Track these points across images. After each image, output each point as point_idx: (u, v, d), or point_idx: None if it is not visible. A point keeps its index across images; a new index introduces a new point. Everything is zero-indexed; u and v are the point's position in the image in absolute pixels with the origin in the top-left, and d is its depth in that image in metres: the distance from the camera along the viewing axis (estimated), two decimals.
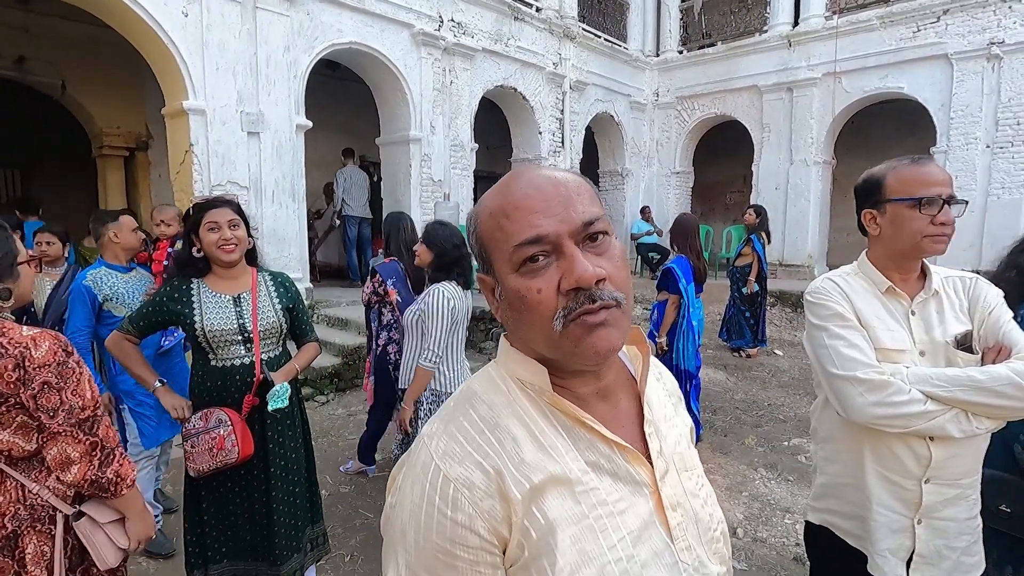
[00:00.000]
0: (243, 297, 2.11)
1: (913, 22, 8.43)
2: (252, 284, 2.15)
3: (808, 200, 9.69)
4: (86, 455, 1.39)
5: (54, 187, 8.81)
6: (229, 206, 2.10)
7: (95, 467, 1.40)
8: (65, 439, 1.37)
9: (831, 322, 1.42)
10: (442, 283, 2.72)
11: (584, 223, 0.65)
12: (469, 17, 7.85)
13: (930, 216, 1.36)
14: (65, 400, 1.37)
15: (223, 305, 2.07)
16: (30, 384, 1.33)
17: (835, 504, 1.54)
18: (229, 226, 2.05)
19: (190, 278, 2.10)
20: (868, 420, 1.33)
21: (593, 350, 0.63)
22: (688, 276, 4.16)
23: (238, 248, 2.08)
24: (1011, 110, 7.81)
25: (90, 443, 1.40)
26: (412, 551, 0.63)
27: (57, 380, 1.36)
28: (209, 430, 2.01)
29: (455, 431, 0.67)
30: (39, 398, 1.34)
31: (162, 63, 5.52)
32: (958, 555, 1.39)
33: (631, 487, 0.68)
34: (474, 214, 0.72)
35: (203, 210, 2.07)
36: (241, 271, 2.15)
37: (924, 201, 1.36)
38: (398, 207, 7.71)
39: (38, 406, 1.34)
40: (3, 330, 1.35)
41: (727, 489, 3.57)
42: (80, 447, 1.38)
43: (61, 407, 1.36)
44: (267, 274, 2.25)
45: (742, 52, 10.17)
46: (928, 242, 1.38)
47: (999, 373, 1.26)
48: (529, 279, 0.64)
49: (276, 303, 2.18)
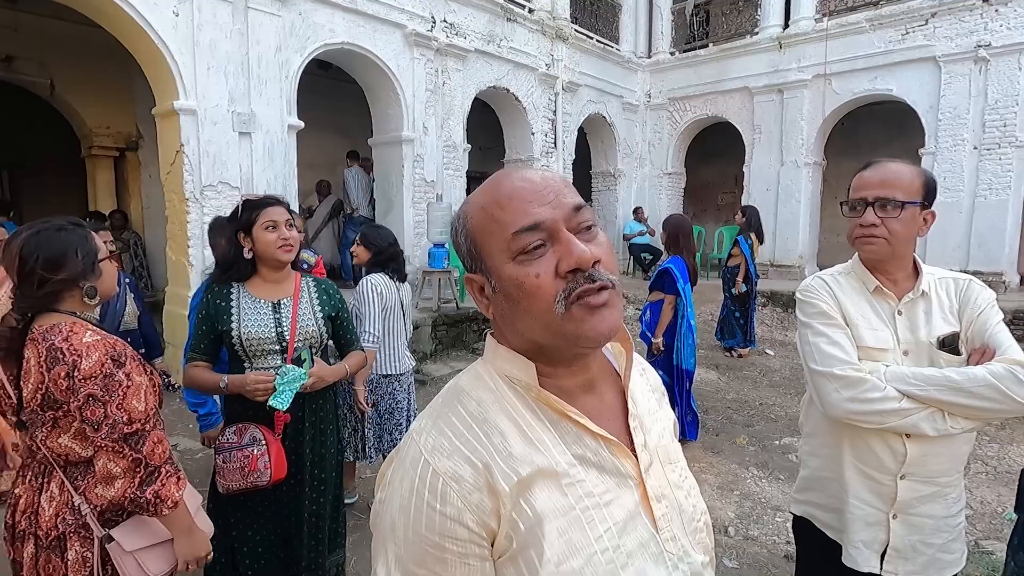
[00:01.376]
0: (283, 303, 2.01)
1: (902, 25, 8.51)
2: (295, 290, 2.05)
3: (799, 201, 9.76)
4: (129, 471, 1.36)
5: (43, 188, 8.73)
6: (283, 205, 2.01)
7: (135, 485, 1.37)
8: (108, 454, 1.35)
9: (815, 319, 1.46)
10: (372, 275, 3.12)
11: (575, 207, 0.68)
12: (462, 18, 7.85)
13: (855, 219, 1.41)
14: (110, 414, 1.34)
15: (262, 311, 1.97)
16: (76, 395, 1.33)
17: (815, 496, 1.58)
18: (287, 225, 1.96)
19: (231, 282, 2.00)
20: (842, 415, 1.37)
21: (595, 331, 0.65)
22: (685, 276, 4.18)
23: (295, 248, 2.00)
24: (998, 112, 7.90)
25: (133, 459, 1.36)
26: (402, 544, 0.64)
27: (102, 392, 1.34)
28: (243, 447, 1.91)
29: (444, 427, 0.68)
30: (84, 410, 1.33)
31: (152, 63, 5.49)
32: (934, 552, 1.41)
33: (617, 479, 0.70)
34: (462, 213, 0.73)
35: (257, 208, 1.96)
36: (286, 275, 2.05)
37: (851, 205, 1.42)
38: (391, 208, 7.71)
39: (83, 418, 1.34)
40: (71, 334, 1.35)
41: (719, 488, 3.59)
42: (123, 463, 1.35)
43: (105, 420, 1.34)
44: (311, 280, 2.15)
45: (733, 54, 10.23)
46: (858, 243, 1.44)
47: (976, 374, 1.28)
48: (527, 266, 0.66)
49: (317, 311, 2.08)
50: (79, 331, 1.37)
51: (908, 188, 1.37)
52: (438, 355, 6.48)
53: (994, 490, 3.54)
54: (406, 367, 3.29)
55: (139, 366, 1.43)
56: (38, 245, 1.39)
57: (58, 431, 1.38)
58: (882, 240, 1.38)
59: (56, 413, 1.36)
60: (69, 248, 1.41)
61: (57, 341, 1.35)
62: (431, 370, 6.05)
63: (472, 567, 0.64)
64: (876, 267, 1.46)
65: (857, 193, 1.42)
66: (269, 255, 1.96)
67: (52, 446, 1.39)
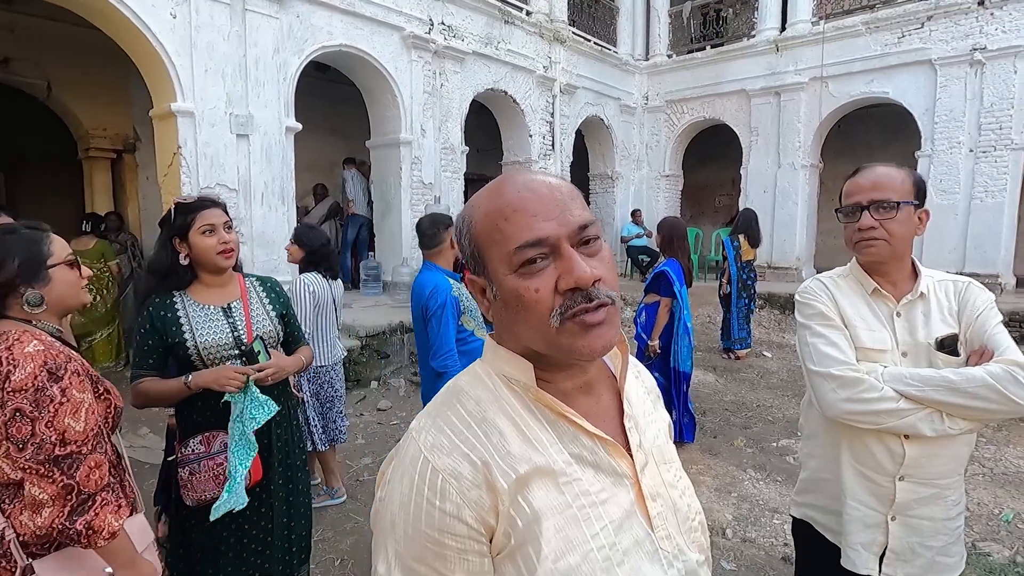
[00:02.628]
0: (234, 307, 1.91)
1: (898, 28, 8.55)
2: (242, 292, 1.96)
3: (796, 203, 9.78)
4: (58, 499, 1.20)
5: (40, 189, 8.70)
6: (220, 207, 1.90)
7: (64, 515, 1.21)
8: (34, 477, 1.19)
9: (814, 320, 1.47)
10: (305, 274, 3.30)
11: (580, 226, 0.68)
12: (459, 20, 7.86)
13: (851, 223, 1.42)
14: (38, 432, 1.19)
15: (214, 317, 1.86)
16: (3, 408, 1.19)
17: (815, 499, 1.58)
18: (225, 228, 1.85)
19: (171, 291, 1.86)
20: (839, 415, 1.37)
21: (589, 348, 0.66)
22: (681, 279, 4.18)
23: (235, 252, 1.89)
24: (993, 115, 7.93)
25: (64, 486, 1.21)
26: (402, 541, 0.65)
27: (32, 408, 1.19)
28: (212, 455, 1.80)
29: (443, 425, 0.69)
30: (10, 426, 1.19)
31: (150, 65, 5.48)
32: (933, 554, 1.41)
33: (612, 478, 0.71)
34: (466, 215, 0.73)
35: (193, 211, 1.84)
36: (228, 279, 1.95)
37: (846, 211, 1.43)
38: (389, 210, 7.72)
39: (8, 435, 1.19)
40: (15, 342, 1.24)
41: (716, 490, 3.59)
42: (51, 489, 1.20)
43: (32, 439, 1.19)
44: (255, 279, 2.06)
45: (730, 57, 10.26)
46: (857, 248, 1.44)
47: (974, 375, 1.28)
48: (527, 279, 0.66)
49: (269, 309, 2.01)
50: (25, 340, 1.24)
51: (900, 189, 1.39)
52: None
53: (991, 492, 3.54)
54: (338, 357, 3.48)
55: (82, 382, 1.29)
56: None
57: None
58: (882, 242, 1.39)
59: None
60: (7, 253, 1.32)
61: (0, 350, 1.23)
62: None
63: (471, 563, 0.64)
64: (875, 269, 1.47)
65: (851, 198, 1.43)
66: (208, 261, 1.84)
67: None
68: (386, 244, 7.88)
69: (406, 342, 6.18)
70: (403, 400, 5.45)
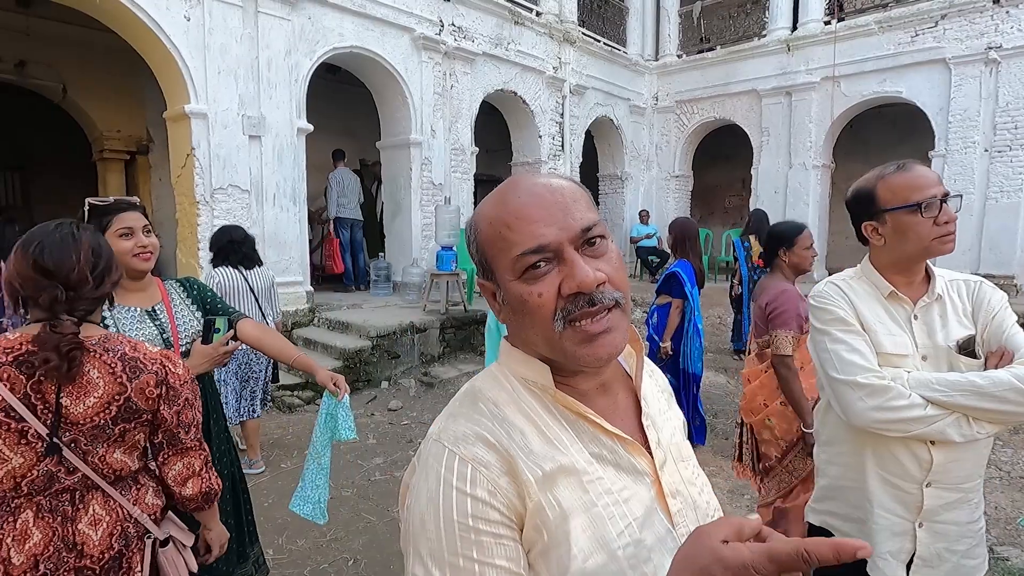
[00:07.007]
0: (157, 309, 1.91)
1: (911, 27, 8.46)
2: (163, 295, 1.96)
3: (807, 204, 9.70)
4: (205, 467, 1.44)
5: (54, 190, 8.81)
6: (139, 210, 1.89)
7: (209, 479, 1.44)
8: (194, 453, 1.42)
9: (833, 326, 1.43)
10: (215, 269, 3.75)
11: (583, 229, 0.68)
12: (470, 21, 7.88)
13: (932, 218, 1.37)
14: (196, 416, 1.42)
15: (140, 320, 1.85)
16: (175, 401, 1.36)
17: (835, 506, 1.55)
18: (144, 232, 1.84)
19: None
20: (868, 424, 1.34)
21: (593, 356, 0.67)
22: (692, 280, 4.16)
23: (154, 256, 1.88)
24: (1009, 114, 7.84)
25: (205, 456, 1.45)
26: (434, 538, 0.63)
27: (192, 396, 1.41)
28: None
29: (464, 421, 0.70)
30: (182, 414, 1.38)
31: (164, 67, 5.54)
32: (958, 558, 1.39)
33: (633, 476, 0.72)
34: (473, 223, 0.74)
35: (110, 213, 1.82)
36: (148, 282, 1.94)
37: (924, 205, 1.36)
38: (399, 211, 7.75)
39: (180, 422, 1.37)
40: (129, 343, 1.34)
41: (729, 492, 3.57)
42: (200, 460, 1.43)
43: (193, 422, 1.41)
44: (175, 282, 2.07)
45: (741, 56, 10.21)
46: (936, 244, 1.38)
47: (1001, 378, 1.26)
48: (531, 284, 0.67)
49: (193, 308, 2.02)
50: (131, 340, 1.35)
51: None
52: (446, 358, 6.48)
53: (1008, 495, 3.50)
54: None
55: None
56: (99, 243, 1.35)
57: (116, 445, 1.31)
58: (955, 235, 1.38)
59: (128, 425, 1.30)
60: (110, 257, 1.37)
61: (127, 351, 1.30)
62: (439, 372, 6.05)
63: (508, 548, 0.64)
64: (891, 272, 1.44)
65: (924, 193, 1.36)
66: (125, 264, 1.79)
67: (110, 461, 1.30)
68: (396, 245, 7.90)
69: (416, 342, 6.20)
70: (413, 400, 5.47)
